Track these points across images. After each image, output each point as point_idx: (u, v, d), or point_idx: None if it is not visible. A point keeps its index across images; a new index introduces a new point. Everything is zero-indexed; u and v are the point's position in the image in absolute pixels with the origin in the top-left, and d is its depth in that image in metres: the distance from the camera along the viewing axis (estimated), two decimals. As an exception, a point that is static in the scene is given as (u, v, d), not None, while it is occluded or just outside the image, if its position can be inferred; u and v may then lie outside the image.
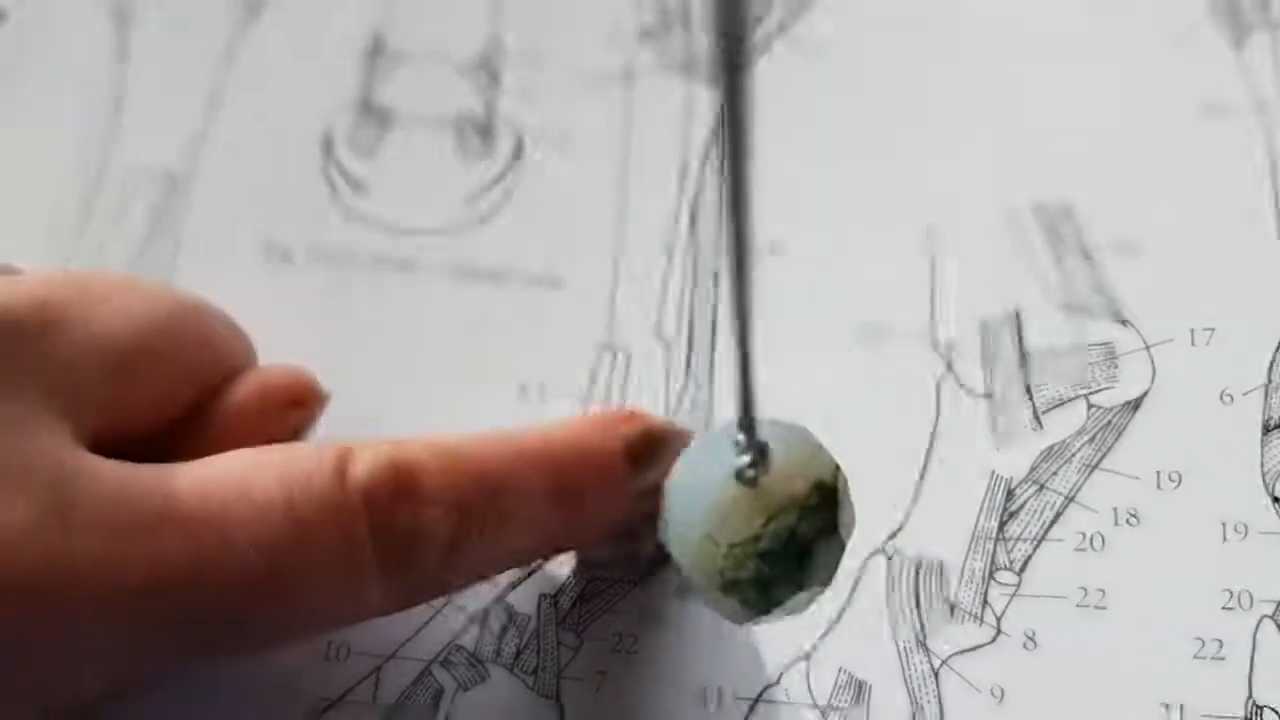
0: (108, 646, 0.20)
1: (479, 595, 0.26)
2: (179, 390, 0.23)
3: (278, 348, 0.26)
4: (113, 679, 0.21)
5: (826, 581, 0.17)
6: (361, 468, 0.21)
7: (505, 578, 0.26)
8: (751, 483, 0.16)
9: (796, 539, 0.17)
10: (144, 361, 0.22)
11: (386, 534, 0.21)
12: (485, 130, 0.30)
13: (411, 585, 0.22)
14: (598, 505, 0.24)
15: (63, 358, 0.21)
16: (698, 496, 0.17)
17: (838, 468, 0.17)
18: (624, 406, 0.27)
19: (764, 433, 0.16)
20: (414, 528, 0.21)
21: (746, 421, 0.16)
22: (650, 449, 0.25)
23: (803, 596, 0.17)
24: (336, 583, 0.21)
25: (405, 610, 0.23)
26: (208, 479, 0.20)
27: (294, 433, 0.25)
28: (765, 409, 0.26)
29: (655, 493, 0.25)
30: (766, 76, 0.30)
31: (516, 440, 0.23)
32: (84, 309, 0.22)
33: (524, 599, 0.26)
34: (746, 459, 0.16)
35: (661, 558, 0.26)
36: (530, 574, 0.26)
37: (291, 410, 0.24)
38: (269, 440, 0.22)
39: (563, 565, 0.26)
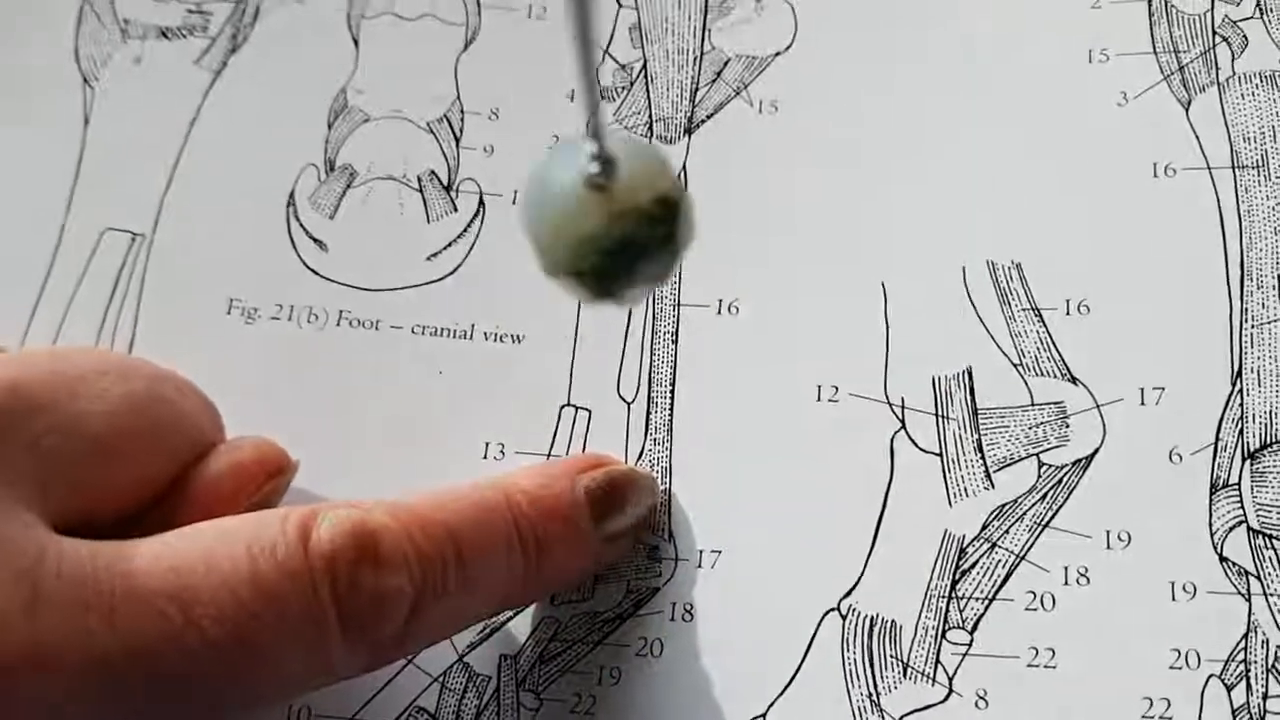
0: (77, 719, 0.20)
1: (439, 656, 0.26)
2: (152, 470, 0.24)
3: (241, 406, 0.26)
4: None
5: (658, 281, 0.19)
6: (324, 533, 0.21)
7: (465, 637, 0.26)
8: (599, 189, 0.18)
9: (635, 243, 0.18)
10: (117, 445, 0.23)
11: (350, 599, 0.21)
12: (448, 189, 0.30)
13: (376, 648, 0.22)
14: (561, 556, 0.24)
15: (32, 442, 0.21)
16: (550, 194, 0.18)
17: (683, 186, 0.19)
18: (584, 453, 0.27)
19: (615, 146, 0.18)
20: (377, 592, 0.22)
21: (596, 131, 0.18)
22: (612, 497, 0.25)
23: (635, 291, 0.19)
24: (301, 649, 0.21)
25: (370, 672, 0.23)
26: (174, 553, 0.21)
27: (265, 503, 0.25)
28: (721, 462, 0.27)
29: (619, 540, 0.26)
30: (722, 135, 0.30)
31: (478, 496, 0.24)
32: (56, 392, 0.22)
33: (484, 660, 0.26)
34: (595, 167, 0.18)
35: (620, 615, 0.26)
36: (490, 634, 0.26)
37: (264, 483, 0.25)
38: (241, 512, 0.23)
39: (522, 626, 0.26)
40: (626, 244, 0.18)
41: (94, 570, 0.20)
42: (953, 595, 0.25)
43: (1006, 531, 0.26)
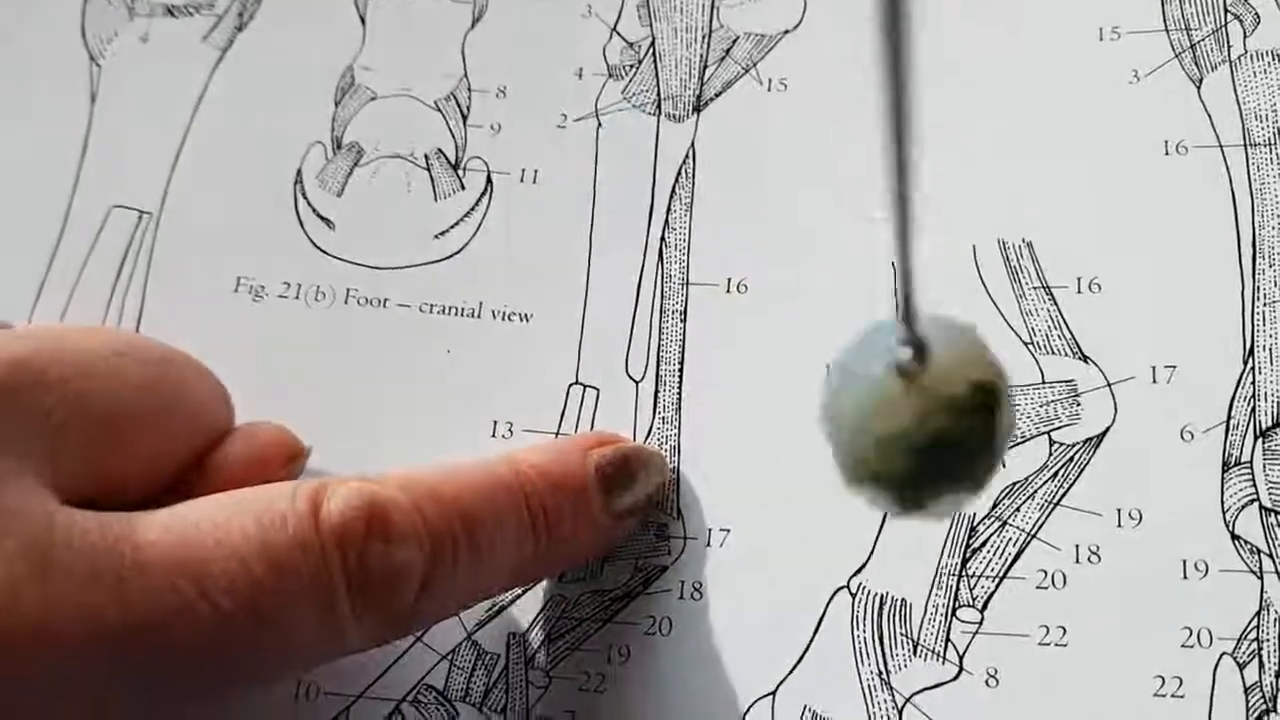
0: (90, 693, 0.20)
1: (448, 634, 0.26)
2: (162, 451, 0.23)
3: (248, 384, 0.26)
4: None
5: (976, 488, 0.17)
6: (335, 507, 0.21)
7: (474, 615, 0.26)
8: (909, 377, 0.16)
9: (949, 438, 0.16)
10: (127, 424, 0.23)
11: (361, 572, 0.21)
12: (455, 167, 0.30)
13: (387, 621, 0.22)
14: (571, 531, 0.24)
15: (41, 418, 0.21)
16: (854, 386, 0.16)
17: (1001, 371, 0.16)
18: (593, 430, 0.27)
19: (927, 328, 0.16)
20: (388, 565, 0.21)
21: (907, 313, 0.15)
22: (622, 473, 0.25)
23: (948, 500, 0.17)
24: (312, 623, 0.21)
25: (381, 646, 0.23)
26: (185, 525, 0.21)
27: None
28: (729, 440, 0.27)
29: (629, 516, 0.26)
30: (731, 113, 0.30)
31: (489, 470, 0.23)
32: (65, 368, 0.22)
33: (493, 638, 0.26)
34: (907, 353, 0.16)
35: (629, 594, 0.26)
36: (499, 612, 0.26)
37: (279, 470, 0.25)
38: None
39: (531, 604, 0.26)
40: (939, 439, 0.16)
41: (104, 541, 0.20)
42: (963, 573, 0.25)
43: (1017, 509, 0.26)
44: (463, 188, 0.30)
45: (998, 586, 0.25)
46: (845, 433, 0.16)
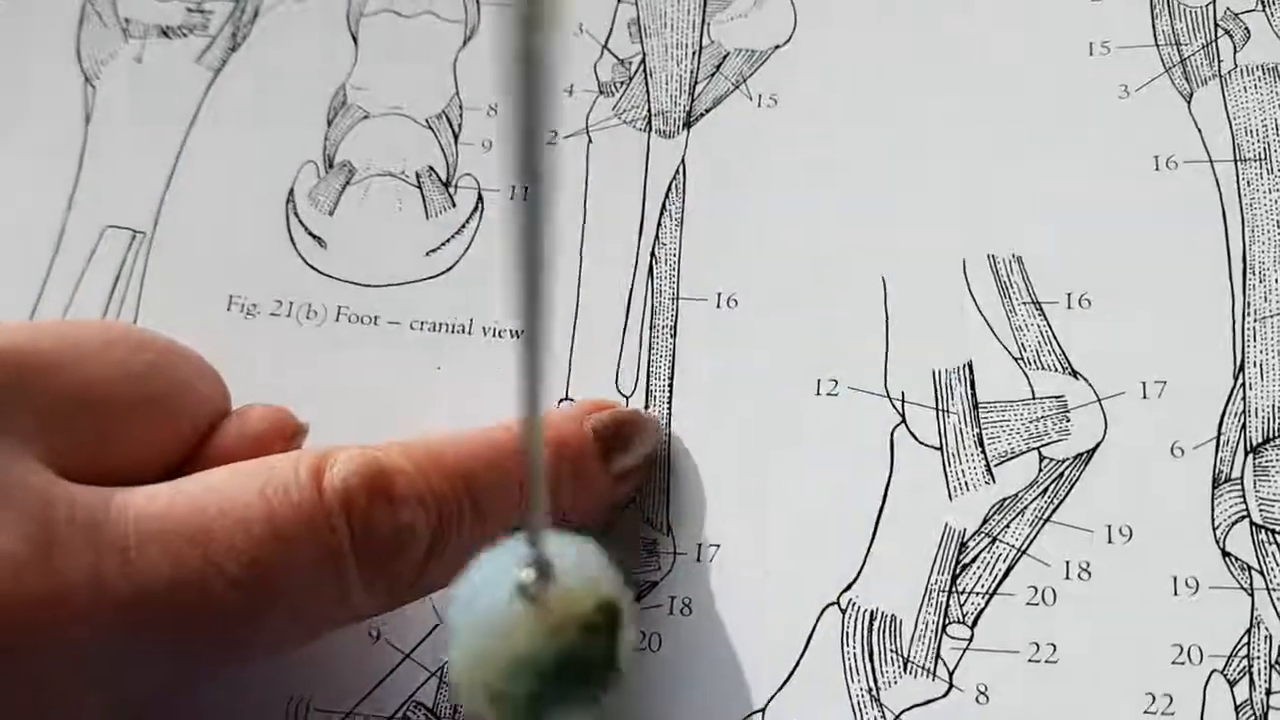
0: (100, 663, 0.20)
1: (436, 650, 0.26)
2: (161, 438, 0.23)
3: (241, 400, 0.26)
4: (112, 699, 0.21)
5: (596, 703, 0.17)
6: (338, 473, 0.21)
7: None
8: (533, 599, 0.16)
9: (575, 659, 0.16)
10: (125, 412, 0.23)
11: (366, 537, 0.21)
12: (446, 184, 0.30)
13: (394, 586, 0.22)
14: (573, 493, 0.25)
15: (40, 405, 0.21)
16: (479, 608, 0.16)
17: (622, 588, 0.17)
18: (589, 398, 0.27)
19: (551, 547, 0.16)
20: (393, 529, 0.22)
21: (531, 534, 0.16)
22: (619, 436, 0.26)
23: (569, 717, 0.17)
24: (320, 588, 0.21)
25: (389, 612, 0.23)
26: (188, 496, 0.21)
27: None
28: (720, 455, 0.27)
29: (627, 478, 0.26)
30: (721, 128, 0.30)
31: (488, 436, 0.24)
32: (63, 356, 0.22)
33: (481, 654, 0.26)
34: (530, 574, 0.16)
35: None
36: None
37: (279, 449, 0.25)
38: None
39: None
40: (565, 660, 0.16)
41: (108, 514, 0.20)
42: (953, 590, 0.25)
43: (1007, 526, 0.26)
44: (454, 205, 0.30)
45: (988, 603, 0.25)
46: (468, 657, 0.16)
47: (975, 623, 0.25)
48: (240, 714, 0.26)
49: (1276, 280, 0.26)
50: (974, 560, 0.25)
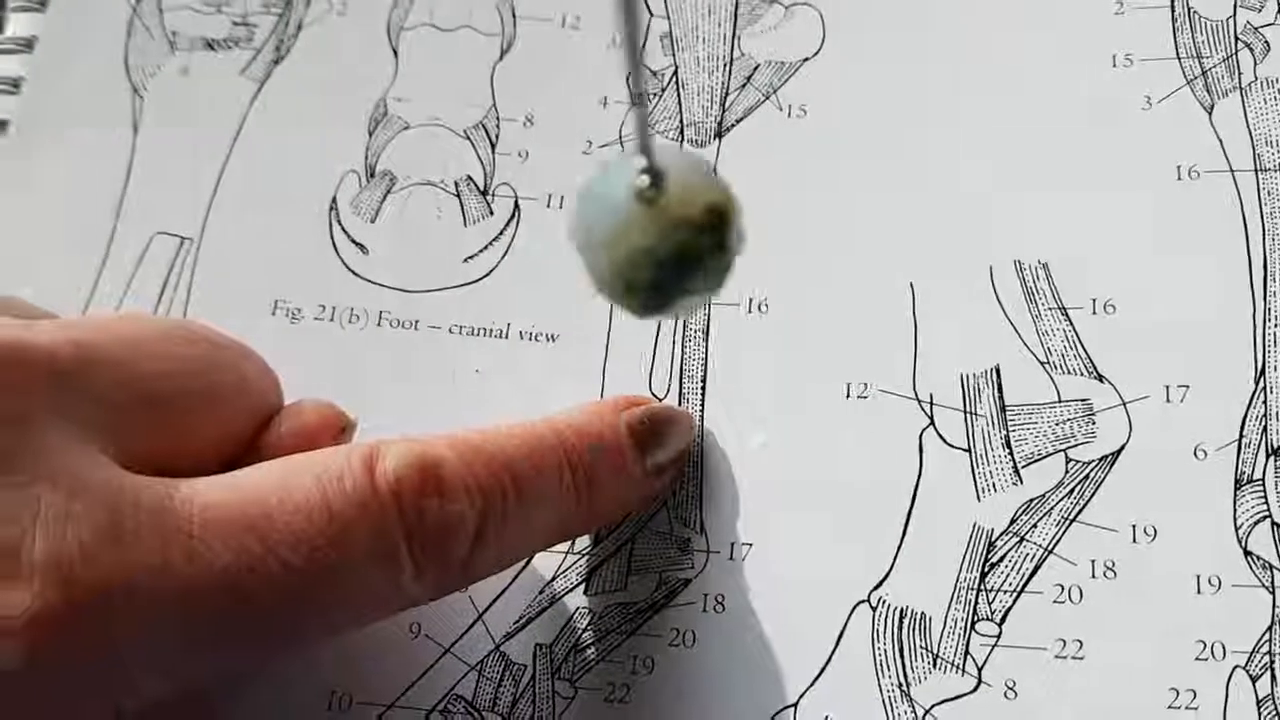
0: (166, 650, 0.21)
1: (476, 645, 0.27)
2: (217, 432, 0.24)
3: (286, 403, 0.27)
4: (176, 680, 0.21)
5: (710, 291, 0.20)
6: (390, 464, 0.22)
7: (501, 628, 0.27)
8: (650, 202, 0.18)
9: (689, 253, 0.19)
10: (182, 404, 0.23)
11: (417, 526, 0.22)
12: (484, 193, 0.31)
13: (444, 574, 0.23)
14: (610, 487, 0.26)
15: (99, 397, 0.22)
16: (602, 210, 0.19)
17: (730, 195, 0.19)
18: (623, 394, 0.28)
19: (663, 159, 0.18)
20: (442, 519, 0.22)
21: (645, 146, 0.18)
22: (653, 431, 0.26)
23: (693, 300, 0.20)
24: (374, 575, 0.22)
25: (438, 600, 0.24)
26: (247, 486, 0.22)
27: None
28: (751, 457, 0.27)
29: (662, 473, 0.27)
30: (752, 138, 0.31)
31: (530, 431, 0.25)
32: (121, 350, 0.23)
33: (520, 649, 0.27)
34: (646, 180, 0.18)
35: (653, 606, 0.27)
36: (526, 624, 0.27)
37: (330, 442, 0.25)
38: None
39: (557, 616, 0.27)
40: (680, 255, 0.19)
41: (172, 504, 0.21)
42: (981, 588, 0.26)
43: (1034, 526, 0.26)
44: (491, 213, 0.31)
45: (1015, 601, 0.26)
46: (596, 254, 0.19)
47: (1003, 620, 0.26)
48: (285, 708, 0.27)
49: (1297, 287, 0.27)
50: (1002, 559, 0.26)
